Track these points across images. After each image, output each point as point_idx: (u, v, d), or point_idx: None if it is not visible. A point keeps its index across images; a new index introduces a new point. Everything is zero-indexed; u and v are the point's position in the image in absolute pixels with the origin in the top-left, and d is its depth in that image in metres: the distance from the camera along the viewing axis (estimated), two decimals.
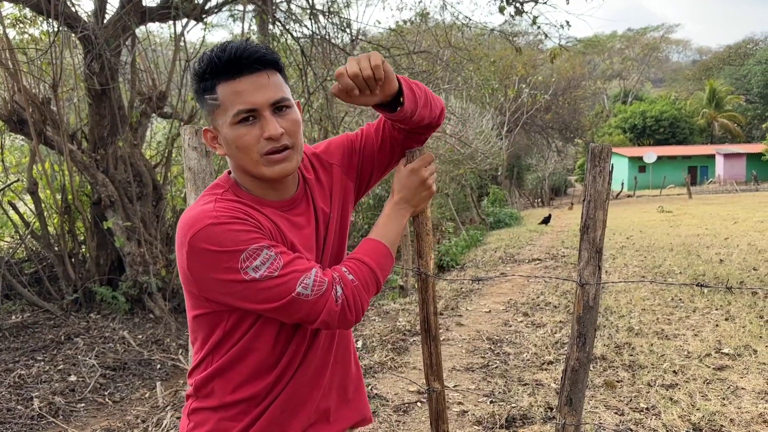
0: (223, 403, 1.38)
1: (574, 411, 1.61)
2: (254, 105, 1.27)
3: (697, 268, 8.28)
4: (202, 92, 1.32)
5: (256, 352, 1.36)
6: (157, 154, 8.17)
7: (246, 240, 1.23)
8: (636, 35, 74.18)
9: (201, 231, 1.22)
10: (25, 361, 5.35)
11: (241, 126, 1.28)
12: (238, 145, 1.29)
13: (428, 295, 1.73)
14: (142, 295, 6.64)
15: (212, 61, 1.27)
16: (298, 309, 1.26)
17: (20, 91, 6.19)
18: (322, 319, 1.28)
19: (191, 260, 1.25)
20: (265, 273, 1.23)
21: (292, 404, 1.41)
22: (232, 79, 1.27)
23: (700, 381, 4.11)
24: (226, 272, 1.23)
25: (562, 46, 8.92)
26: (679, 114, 54.11)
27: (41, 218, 7.10)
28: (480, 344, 5.42)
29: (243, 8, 7.71)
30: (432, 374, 1.76)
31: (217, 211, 1.25)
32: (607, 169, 1.46)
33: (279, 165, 1.31)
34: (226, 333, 1.34)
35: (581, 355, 1.58)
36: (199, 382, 1.40)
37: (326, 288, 1.27)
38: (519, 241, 13.93)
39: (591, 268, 1.54)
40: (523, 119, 30.96)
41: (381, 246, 1.42)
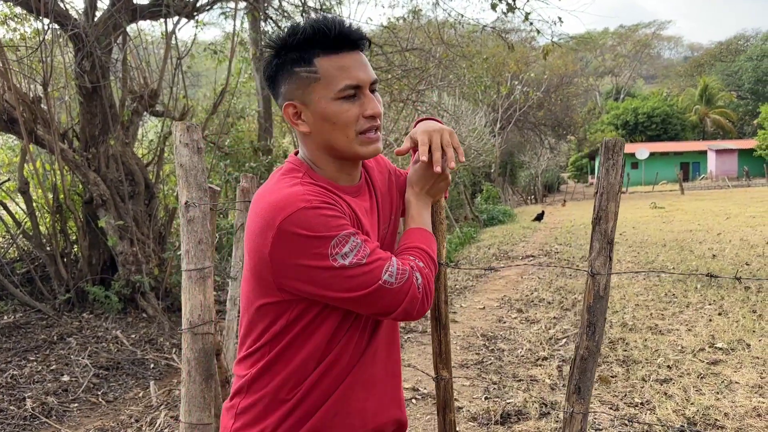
0: (276, 398, 1.32)
1: (582, 399, 1.64)
2: (360, 81, 1.26)
3: (690, 263, 8.31)
4: (292, 64, 1.27)
5: (313, 345, 1.30)
6: (149, 152, 8.13)
7: (336, 226, 1.19)
8: (628, 32, 74.42)
9: (294, 214, 1.17)
10: (18, 361, 5.32)
11: (345, 102, 1.26)
12: (338, 120, 1.26)
13: (440, 283, 1.74)
14: (135, 295, 6.61)
15: (315, 33, 1.24)
16: (381, 297, 1.22)
17: (10, 90, 6.14)
18: (403, 308, 1.24)
19: (277, 244, 1.19)
20: (354, 260, 1.19)
21: (347, 407, 1.35)
22: (335, 53, 1.25)
23: (694, 375, 4.13)
24: (315, 258, 1.18)
25: (555, 43, 8.93)
26: (671, 110, 54.33)
27: (33, 218, 7.05)
28: (474, 341, 5.42)
29: (234, 6, 7.68)
30: (441, 363, 1.78)
31: (309, 194, 1.21)
32: (620, 163, 1.50)
33: (373, 145, 1.30)
34: (289, 323, 1.29)
35: (590, 344, 1.61)
36: (255, 374, 1.33)
37: (408, 276, 1.25)
38: (512, 238, 13.95)
39: (602, 258, 1.57)
40: (515, 116, 31.03)
41: (428, 233, 1.43)
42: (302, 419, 1.31)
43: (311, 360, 1.30)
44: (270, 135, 11.12)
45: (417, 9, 11.01)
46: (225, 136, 9.48)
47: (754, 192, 27.10)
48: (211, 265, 2.27)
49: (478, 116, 19.67)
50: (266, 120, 11.33)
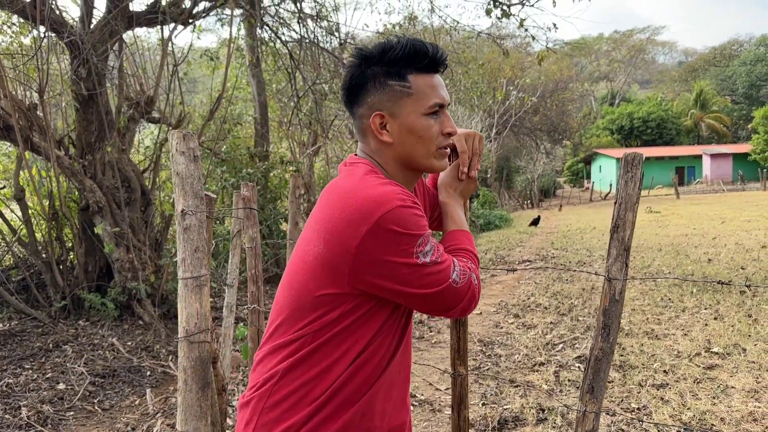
0: (306, 394, 1.31)
1: (595, 399, 1.70)
2: (444, 101, 1.38)
3: (685, 267, 8.33)
4: (386, 76, 1.36)
5: (352, 342, 1.31)
6: (146, 159, 8.12)
7: (423, 225, 1.27)
8: (622, 37, 74.78)
9: (392, 211, 1.22)
10: (13, 369, 5.30)
11: (431, 117, 1.37)
12: (424, 134, 1.37)
13: None
14: (131, 302, 6.59)
15: (417, 51, 1.35)
16: (449, 295, 1.29)
17: (6, 97, 6.14)
18: (462, 306, 1.31)
19: (370, 238, 1.22)
20: (432, 259, 1.27)
21: (372, 408, 1.36)
22: (427, 73, 1.37)
23: (691, 380, 4.13)
24: (402, 255, 1.24)
25: (549, 49, 8.96)
26: (666, 115, 54.53)
27: (28, 225, 7.03)
28: (471, 346, 5.41)
29: (231, 13, 7.69)
30: (459, 359, 1.82)
31: (402, 194, 1.26)
32: (638, 175, 1.61)
33: (444, 160, 1.43)
34: (341, 316, 1.30)
35: (605, 345, 1.68)
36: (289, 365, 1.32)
37: (468, 276, 1.33)
38: (509, 242, 13.97)
39: (619, 264, 1.67)
40: (511, 121, 31.11)
41: (469, 234, 1.53)
42: (331, 417, 1.31)
43: (347, 357, 1.31)
44: (267, 141, 11.12)
45: (413, 15, 11.04)
46: (222, 143, 9.48)
47: (749, 196, 27.19)
48: (207, 273, 2.27)
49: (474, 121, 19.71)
50: (263, 126, 11.34)
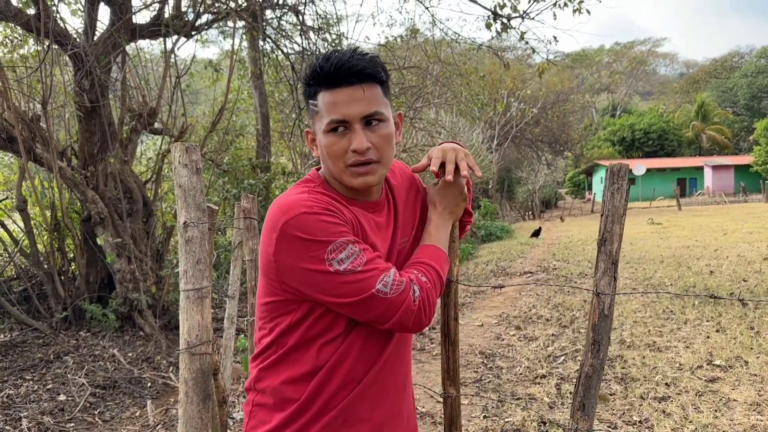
0: (283, 398, 1.37)
1: (587, 416, 1.67)
2: (346, 117, 1.32)
3: (687, 279, 8.32)
4: (306, 97, 1.39)
5: (322, 345, 1.34)
6: (148, 170, 8.15)
7: (335, 232, 1.26)
8: (623, 49, 75.04)
9: (294, 218, 1.25)
10: (14, 380, 5.29)
11: (333, 135, 1.33)
12: (328, 152, 1.35)
13: (450, 300, 1.77)
14: (132, 313, 6.59)
15: (315, 69, 1.34)
16: (375, 306, 1.27)
17: (9, 109, 6.17)
18: (398, 318, 1.28)
19: (279, 246, 1.27)
20: (349, 267, 1.25)
21: (355, 415, 1.38)
22: (330, 88, 1.33)
23: (693, 393, 4.12)
24: (312, 261, 1.25)
25: (550, 61, 8.99)
26: (668, 126, 54.62)
27: (30, 236, 7.04)
28: (473, 358, 5.41)
29: (233, 25, 7.74)
30: (449, 379, 1.79)
31: (311, 201, 1.29)
32: (625, 186, 1.57)
33: (361, 177, 1.35)
34: (294, 323, 1.34)
35: (595, 361, 1.65)
36: (261, 374, 1.40)
37: (404, 287, 1.29)
38: (510, 254, 13.96)
39: (607, 278, 1.64)
40: (512, 133, 31.19)
41: (442, 253, 1.47)
42: (311, 422, 1.35)
43: (316, 362, 1.34)
44: (268, 152, 11.15)
45: (414, 28, 11.10)
46: (224, 154, 9.51)
47: (751, 207, 27.18)
48: (209, 284, 2.27)
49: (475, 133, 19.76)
50: (264, 137, 11.37)
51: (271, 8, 8.19)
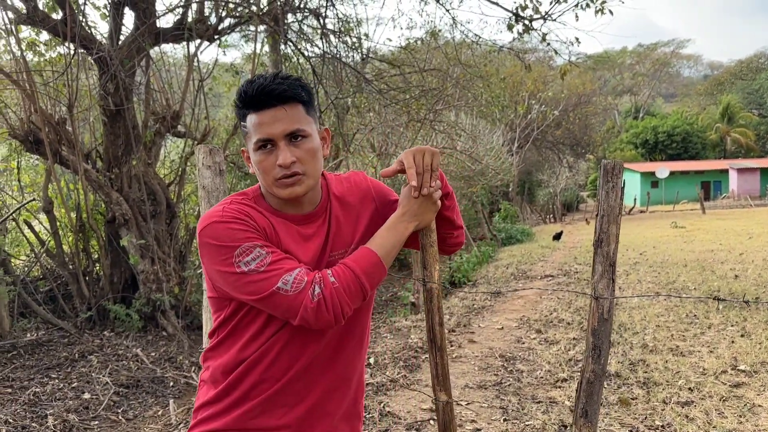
0: (215, 379, 1.55)
1: (590, 423, 1.62)
2: (270, 135, 1.44)
3: (711, 283, 8.21)
4: (239, 118, 1.52)
5: (250, 338, 1.50)
6: (171, 172, 8.25)
7: (241, 238, 1.40)
8: (646, 51, 74.22)
9: (207, 227, 1.43)
10: (40, 378, 5.39)
11: (261, 152, 1.46)
12: (258, 168, 1.48)
13: (433, 305, 1.74)
14: (156, 313, 6.68)
15: (242, 93, 1.47)
16: (279, 303, 1.39)
17: (36, 112, 6.29)
18: (300, 315, 1.39)
19: (201, 252, 1.46)
20: (253, 267, 1.38)
21: (273, 408, 1.52)
22: (256, 111, 1.45)
23: (717, 398, 4.07)
24: (223, 264, 1.41)
25: (572, 63, 8.94)
26: (692, 129, 53.91)
27: (56, 237, 7.17)
28: (493, 361, 5.39)
29: (255, 29, 7.81)
30: (438, 385, 1.77)
31: (223, 211, 1.44)
32: (620, 185, 1.50)
33: (289, 188, 1.47)
34: (228, 316, 1.52)
35: (596, 367, 1.60)
36: (206, 354, 1.60)
37: (304, 286, 1.39)
38: (531, 257, 13.88)
39: (605, 281, 1.57)
40: (533, 135, 31.01)
41: (372, 254, 1.49)
42: (231, 406, 1.52)
43: (240, 354, 1.51)
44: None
45: (435, 30, 11.10)
46: None
47: None
48: None
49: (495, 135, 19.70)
50: None
51: (292, 12, 8.25)
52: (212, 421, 1.53)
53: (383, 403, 4.30)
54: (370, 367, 5.30)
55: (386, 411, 4.15)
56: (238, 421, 1.51)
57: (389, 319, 7.70)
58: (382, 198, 1.68)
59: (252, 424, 1.52)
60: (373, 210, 1.66)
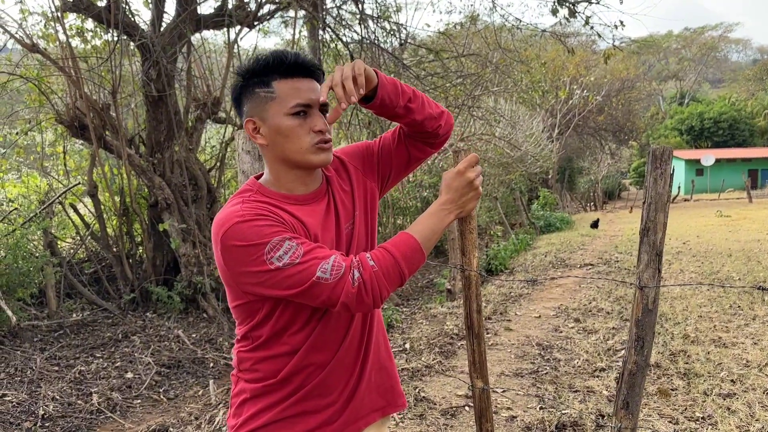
0: (260, 377, 1.54)
1: (631, 415, 1.60)
2: (310, 101, 1.47)
3: (757, 274, 7.99)
4: (253, 86, 1.48)
5: (291, 335, 1.50)
6: (212, 158, 8.37)
7: (269, 233, 1.37)
8: (693, 35, 72.11)
9: (229, 230, 1.38)
10: (85, 357, 5.55)
11: (296, 117, 1.46)
12: (290, 133, 1.47)
13: (471, 292, 1.74)
14: (197, 295, 6.81)
15: (275, 59, 1.46)
16: (320, 292, 1.37)
17: (82, 98, 6.44)
18: (342, 301, 1.38)
19: (225, 257, 1.40)
20: (288, 261, 1.36)
21: (326, 387, 1.54)
22: (291, 77, 1.46)
23: (760, 391, 3.97)
24: (255, 264, 1.37)
25: (616, 47, 8.74)
26: (739, 115, 52.26)
27: (100, 220, 7.35)
28: (529, 350, 5.35)
29: (294, 14, 7.83)
30: (475, 372, 1.76)
31: (243, 210, 1.40)
32: (668, 172, 1.46)
33: (324, 153, 1.50)
34: (263, 318, 1.49)
35: (639, 358, 1.57)
36: (242, 356, 1.57)
37: (344, 272, 1.38)
38: (570, 245, 13.69)
39: (651, 271, 1.53)
40: (575, 121, 30.49)
41: (412, 240, 1.49)
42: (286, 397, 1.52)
43: (288, 348, 1.50)
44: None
45: (475, 14, 10.97)
46: None
47: None
48: None
49: (535, 121, 19.43)
50: None
51: None
52: (265, 412, 1.53)
53: (418, 388, 4.32)
54: (406, 352, 5.32)
55: (421, 396, 4.17)
56: (290, 409, 1.53)
57: (425, 306, 7.70)
58: (356, 158, 1.71)
59: (305, 407, 1.53)
60: (359, 176, 1.68)
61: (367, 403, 1.63)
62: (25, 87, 7.40)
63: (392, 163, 1.72)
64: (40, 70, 7.14)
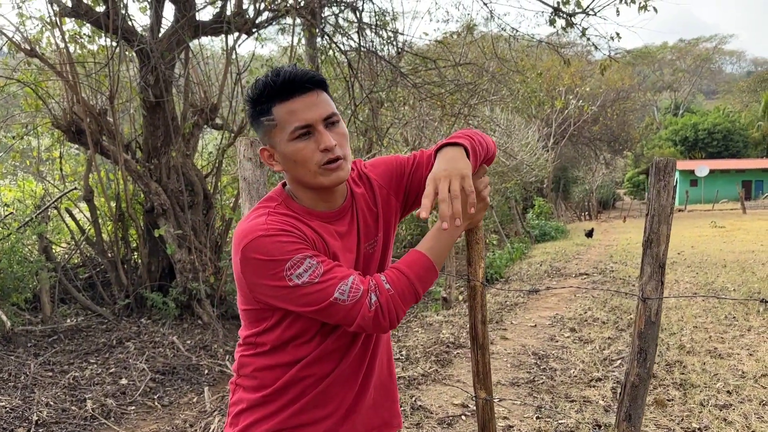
0: (259, 385, 1.52)
1: (633, 427, 1.59)
2: (308, 121, 1.40)
3: (752, 285, 8.01)
4: (258, 115, 1.44)
5: (296, 346, 1.48)
6: (208, 164, 8.35)
7: (291, 250, 1.35)
8: (688, 46, 72.60)
9: (252, 242, 1.36)
10: (79, 363, 5.52)
11: (299, 141, 1.41)
12: (297, 158, 1.41)
13: (476, 302, 1.74)
14: (192, 302, 6.78)
15: (267, 85, 1.40)
16: (335, 313, 1.37)
17: (79, 103, 6.43)
18: (357, 323, 1.38)
19: (243, 266, 1.39)
20: (307, 279, 1.35)
21: (324, 399, 1.52)
22: (286, 100, 1.40)
23: (756, 402, 3.98)
24: (273, 278, 1.36)
25: (612, 58, 8.78)
26: (733, 127, 52.56)
27: (96, 225, 7.33)
28: (525, 359, 5.35)
29: (292, 22, 7.85)
30: (479, 383, 1.76)
31: (268, 224, 1.38)
32: (672, 184, 1.46)
33: (334, 173, 1.43)
34: (271, 327, 1.48)
35: (641, 370, 1.56)
36: (243, 361, 1.55)
37: (361, 295, 1.37)
38: (565, 254, 13.72)
39: (654, 283, 1.53)
40: (570, 131, 30.59)
41: (424, 258, 1.47)
42: (286, 405, 1.50)
43: (292, 357, 1.49)
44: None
45: (472, 23, 11.02)
46: None
47: None
48: None
49: (531, 131, 19.48)
50: None
51: (329, 5, 8.27)
52: (262, 423, 1.52)
53: (415, 396, 4.31)
54: (402, 361, 5.31)
55: (418, 405, 4.16)
56: (288, 420, 1.51)
57: (420, 314, 7.70)
58: (384, 177, 1.65)
59: (302, 419, 1.52)
60: (386, 196, 1.64)
61: (366, 420, 1.62)
62: (22, 91, 7.38)
63: (421, 187, 1.60)
64: (37, 75, 7.13)
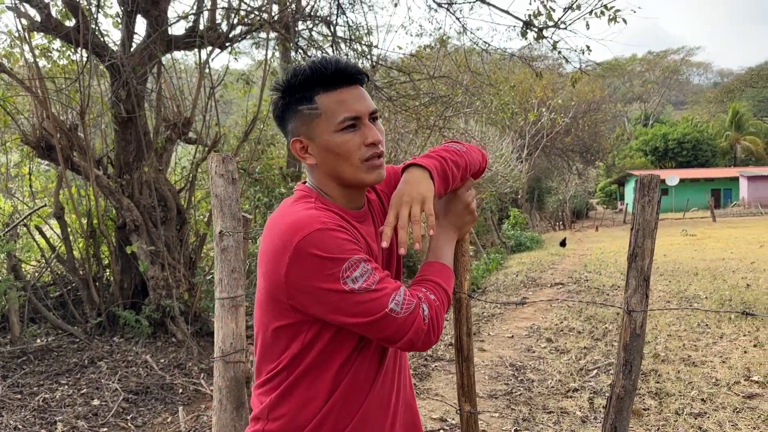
0: (297, 424, 1.34)
1: None
2: (358, 113, 1.33)
3: (723, 293, 8.14)
4: (296, 103, 1.35)
5: (330, 369, 1.33)
6: (182, 179, 8.27)
7: (349, 249, 1.23)
8: (656, 58, 74.09)
9: (309, 235, 1.21)
10: (49, 384, 5.39)
11: (345, 132, 1.32)
12: (341, 150, 1.33)
13: (462, 315, 1.74)
14: (165, 319, 6.68)
15: (314, 72, 1.32)
16: (388, 326, 1.24)
17: (48, 118, 6.33)
18: (408, 338, 1.26)
19: (293, 265, 1.22)
20: (363, 285, 1.22)
21: (363, 428, 1.38)
22: (333, 89, 1.32)
23: (730, 409, 4.03)
24: (327, 280, 1.21)
25: (582, 70, 8.92)
26: (702, 136, 53.69)
27: (67, 242, 7.19)
28: (503, 370, 5.36)
29: (266, 36, 7.83)
30: (464, 396, 1.76)
31: (324, 217, 1.25)
32: (656, 199, 1.48)
33: (376, 171, 1.36)
34: (305, 346, 1.31)
35: (627, 382, 1.58)
36: (274, 400, 1.36)
37: (415, 307, 1.27)
38: (541, 264, 13.82)
39: (638, 295, 1.56)
40: (543, 142, 30.97)
41: (446, 268, 1.44)
42: None
43: (329, 384, 1.33)
44: (298, 161, 11.23)
45: (445, 37, 11.11)
46: (255, 163, 9.60)
47: None
48: (243, 293, 2.30)
49: (505, 142, 19.67)
50: None
51: (303, 20, 8.28)
52: None
53: None
54: None
55: None
56: None
57: None
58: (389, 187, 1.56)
59: None
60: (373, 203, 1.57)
61: None
62: None
63: None
64: (5, 90, 7.01)
